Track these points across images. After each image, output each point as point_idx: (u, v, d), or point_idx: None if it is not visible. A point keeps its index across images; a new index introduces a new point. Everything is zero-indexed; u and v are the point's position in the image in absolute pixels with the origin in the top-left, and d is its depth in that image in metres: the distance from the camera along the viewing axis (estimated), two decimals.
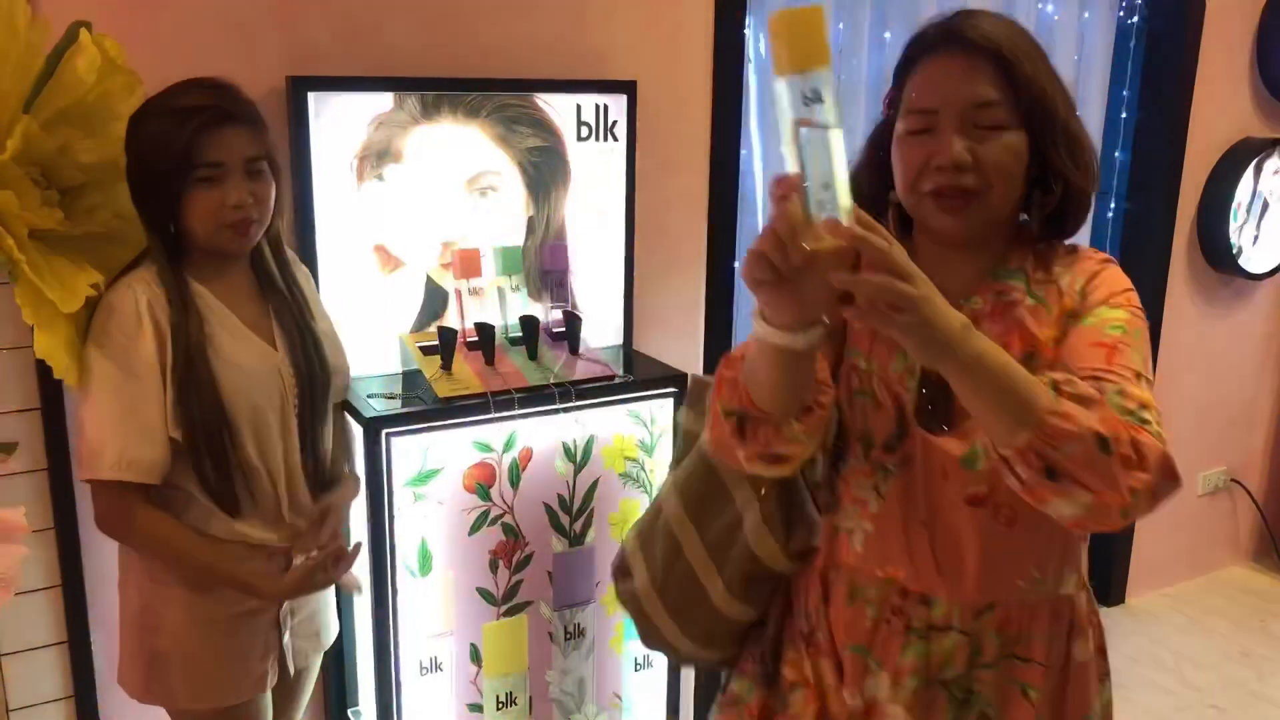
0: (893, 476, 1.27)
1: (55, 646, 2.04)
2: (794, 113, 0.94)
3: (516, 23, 2.22)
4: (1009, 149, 1.17)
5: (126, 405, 1.50)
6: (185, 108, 1.48)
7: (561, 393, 2.04)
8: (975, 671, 1.27)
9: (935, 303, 0.98)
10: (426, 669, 2.06)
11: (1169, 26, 3.19)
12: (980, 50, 1.16)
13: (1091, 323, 1.18)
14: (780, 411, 1.16)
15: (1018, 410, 1.03)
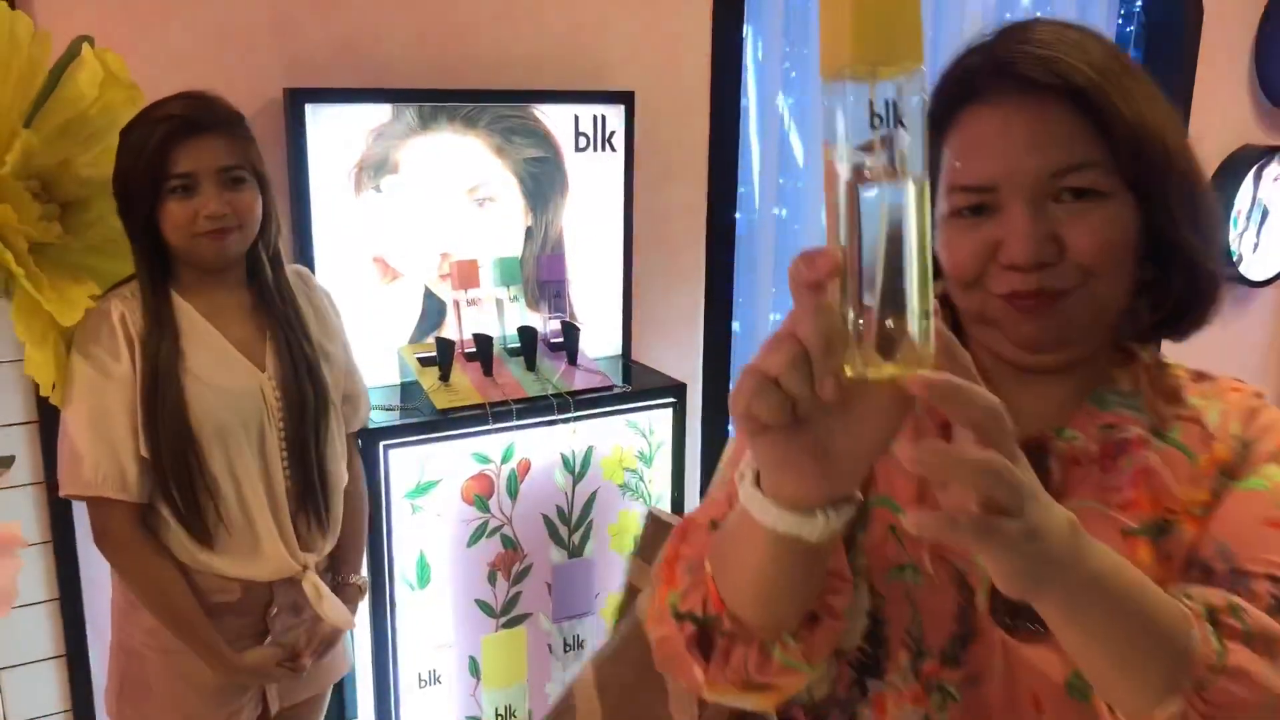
0: (954, 703, 0.84)
1: (53, 660, 2.04)
2: (852, 143, 0.56)
3: (514, 34, 2.22)
4: (1113, 224, 0.79)
5: (101, 420, 1.48)
6: (156, 119, 1.47)
7: (560, 403, 2.03)
8: None
9: (1041, 500, 0.62)
10: (426, 681, 2.05)
11: (1167, 33, 3.20)
12: (1052, 89, 0.78)
13: (1261, 487, 0.80)
14: (769, 625, 0.75)
15: (1163, 666, 0.67)
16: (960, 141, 0.82)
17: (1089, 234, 0.78)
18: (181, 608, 1.54)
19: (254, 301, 1.61)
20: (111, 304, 1.51)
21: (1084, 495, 0.82)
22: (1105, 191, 0.79)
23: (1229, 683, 0.67)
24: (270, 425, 1.57)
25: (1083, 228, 0.78)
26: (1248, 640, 0.69)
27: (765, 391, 0.59)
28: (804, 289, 0.58)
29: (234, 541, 1.57)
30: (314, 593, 1.64)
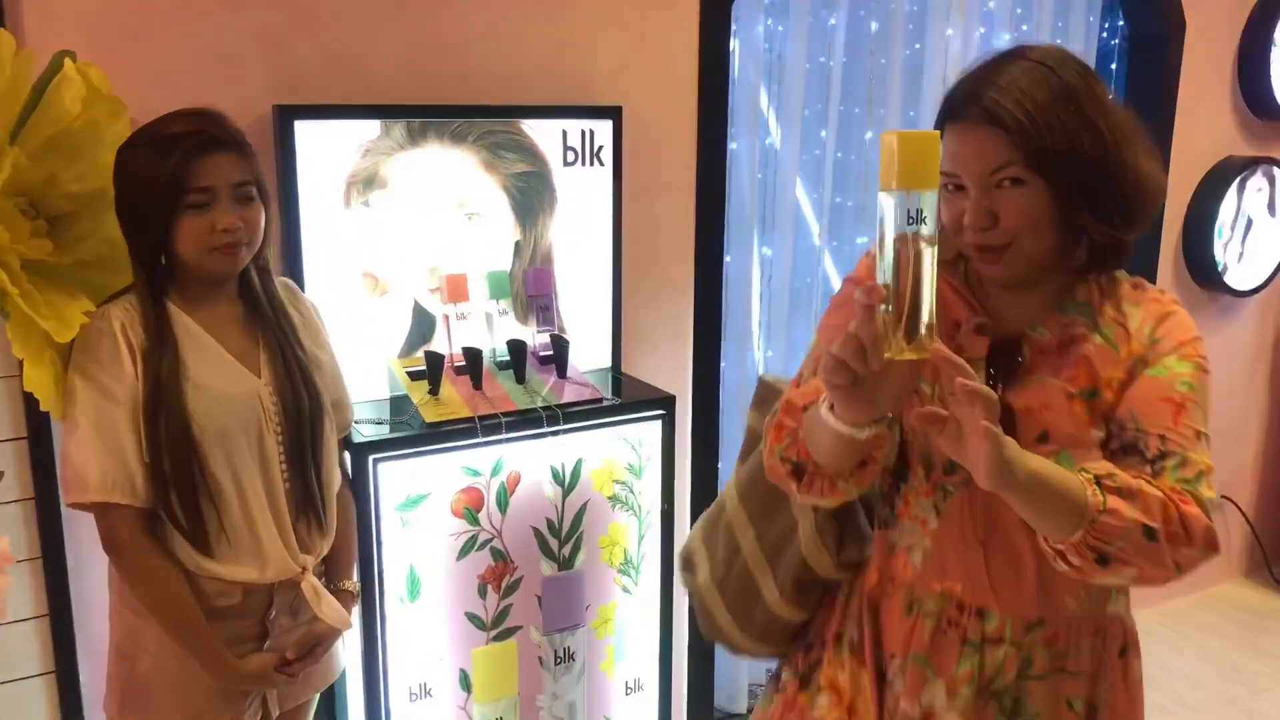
0: (952, 496, 1.31)
1: (43, 676, 2.03)
2: (895, 229, 1.02)
3: (502, 49, 2.23)
4: (1026, 203, 1.19)
5: (108, 429, 1.50)
6: (172, 135, 1.49)
7: (549, 416, 2.04)
8: (1025, 683, 1.32)
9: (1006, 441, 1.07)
10: (416, 695, 2.05)
11: (1151, 47, 3.23)
12: (988, 116, 1.18)
13: (1160, 374, 1.22)
14: (836, 469, 1.25)
15: (1070, 515, 1.12)
16: (946, 143, 1.22)
17: (1010, 210, 1.20)
18: (186, 613, 1.56)
19: (247, 312, 1.65)
20: (111, 315, 1.53)
21: (1044, 372, 1.26)
22: (1024, 181, 1.19)
23: (1108, 519, 1.12)
24: (268, 430, 1.61)
25: (1007, 206, 1.20)
26: (1118, 493, 1.13)
27: (839, 368, 1.07)
28: (863, 308, 1.04)
29: (236, 545, 1.59)
30: (313, 594, 1.66)
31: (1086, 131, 1.18)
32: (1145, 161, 1.23)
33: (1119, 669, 1.36)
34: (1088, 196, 1.19)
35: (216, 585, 1.59)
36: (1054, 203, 1.19)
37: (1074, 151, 1.18)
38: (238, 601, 1.61)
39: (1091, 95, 1.20)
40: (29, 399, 1.85)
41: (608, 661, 2.28)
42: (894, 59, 2.89)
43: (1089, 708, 1.34)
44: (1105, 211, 1.21)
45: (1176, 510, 1.14)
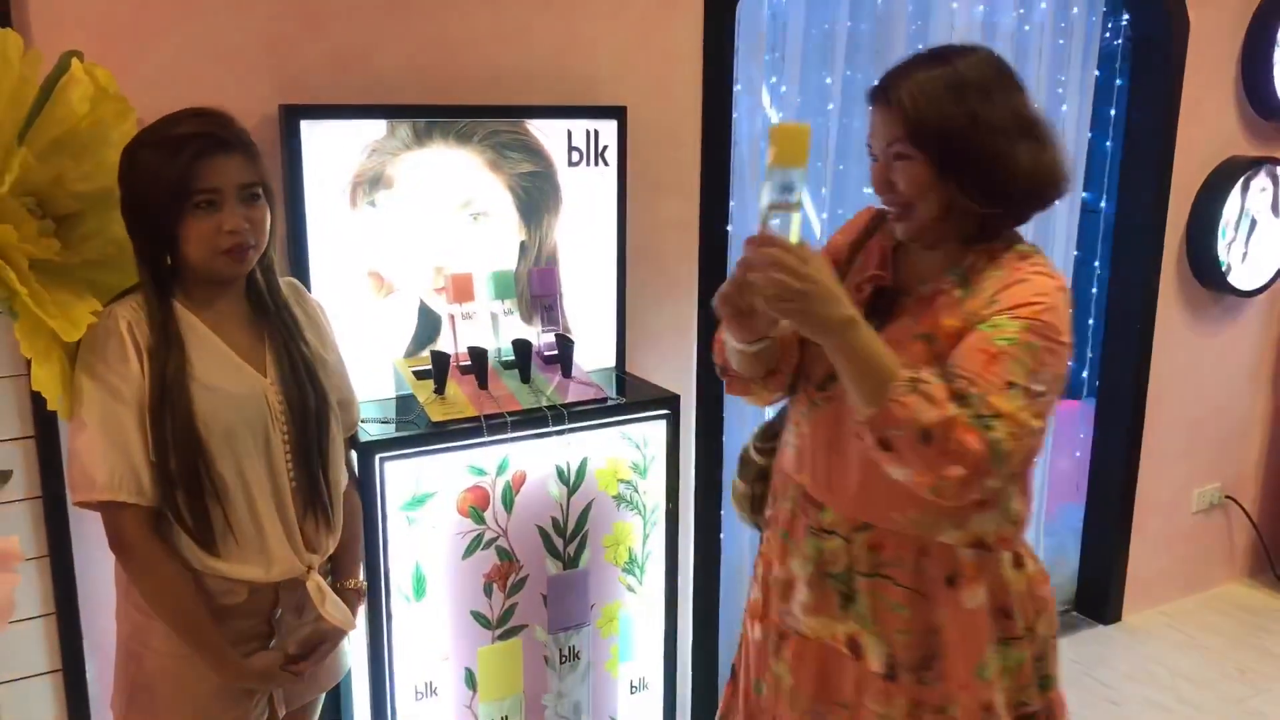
0: (818, 408, 1.59)
1: (49, 675, 2.04)
2: (769, 197, 1.33)
3: (507, 49, 2.24)
4: (910, 175, 1.44)
5: (114, 428, 1.50)
6: (179, 136, 1.49)
7: (554, 415, 2.05)
8: (855, 577, 1.55)
9: (820, 298, 1.32)
10: (422, 694, 2.06)
11: (1154, 47, 3.23)
12: (888, 100, 1.44)
13: (985, 330, 1.39)
14: (749, 375, 1.59)
15: (872, 391, 1.35)
16: (869, 123, 1.49)
17: (901, 179, 1.45)
18: (191, 612, 1.56)
19: (252, 311, 1.65)
20: (118, 314, 1.53)
21: (907, 317, 1.50)
22: (909, 155, 1.43)
23: (897, 407, 1.32)
24: (274, 429, 1.61)
25: (899, 175, 1.45)
26: (919, 394, 1.33)
27: (725, 300, 1.41)
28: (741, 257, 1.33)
29: (242, 544, 1.59)
30: (318, 593, 1.66)
31: (965, 119, 1.40)
32: (1025, 153, 1.42)
33: (949, 597, 1.52)
34: (957, 173, 1.41)
35: (222, 584, 1.59)
36: (934, 176, 1.42)
37: (948, 133, 1.40)
38: (243, 600, 1.62)
39: (982, 90, 1.41)
40: (37, 398, 1.86)
41: (612, 660, 2.28)
42: (897, 48, 2.88)
43: (925, 627, 1.52)
44: (972, 188, 1.42)
45: (956, 431, 1.31)
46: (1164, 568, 3.68)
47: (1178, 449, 3.60)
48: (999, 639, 1.53)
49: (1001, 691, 1.54)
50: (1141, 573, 3.62)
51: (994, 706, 1.54)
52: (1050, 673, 1.59)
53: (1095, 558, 3.61)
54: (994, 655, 1.53)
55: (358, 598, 1.80)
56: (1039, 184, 1.45)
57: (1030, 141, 1.43)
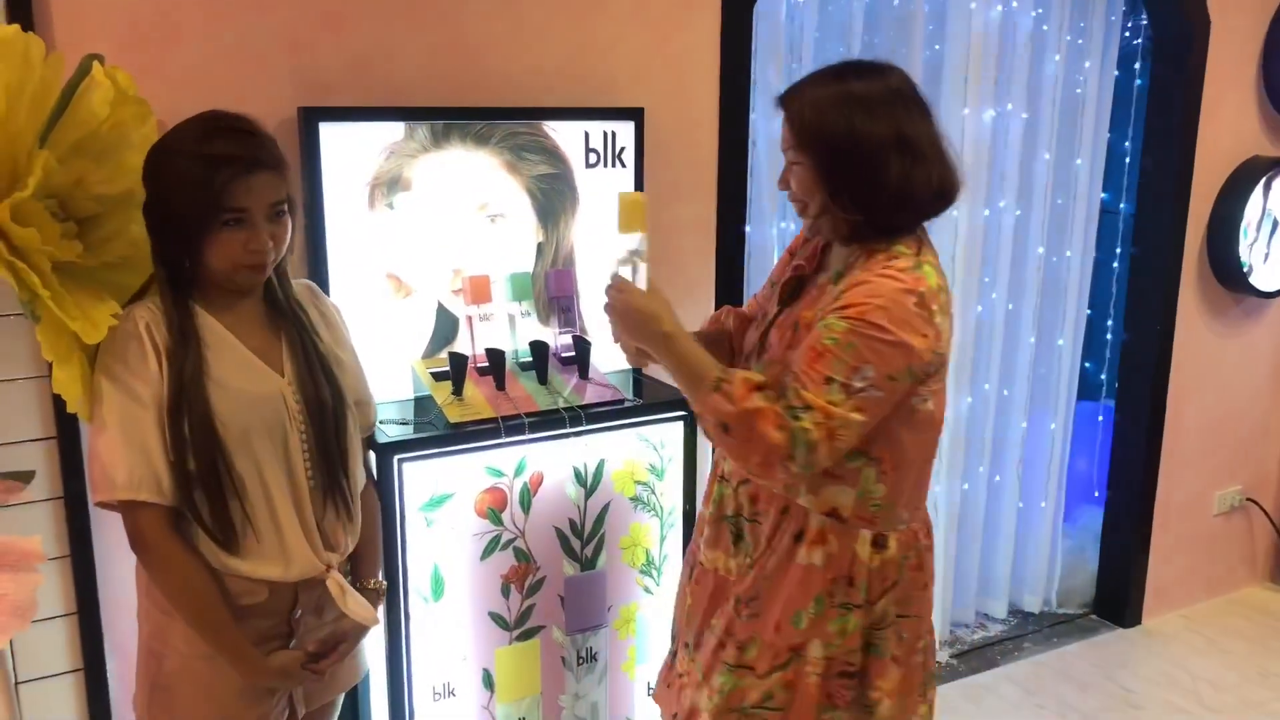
0: None
1: (71, 674, 2.05)
2: (618, 258, 1.70)
3: (524, 51, 2.24)
4: (798, 177, 1.61)
5: (134, 428, 1.51)
6: (217, 156, 1.49)
7: (571, 417, 2.05)
8: (742, 521, 1.74)
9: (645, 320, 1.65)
10: (440, 694, 2.06)
11: (1175, 47, 3.21)
12: (785, 109, 1.61)
13: (820, 328, 1.54)
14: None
15: (690, 391, 1.61)
16: None
17: (792, 180, 1.62)
18: (212, 611, 1.57)
19: (269, 311, 1.66)
20: (136, 315, 1.54)
21: (801, 306, 1.67)
22: (798, 161, 1.59)
23: (701, 408, 1.58)
24: (292, 428, 1.62)
25: (792, 178, 1.62)
26: (722, 394, 1.54)
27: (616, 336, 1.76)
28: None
29: (261, 543, 1.60)
30: (338, 590, 1.67)
31: (844, 130, 1.54)
32: (896, 167, 1.54)
33: (789, 548, 1.67)
34: (830, 179, 1.56)
35: (242, 584, 1.60)
36: (816, 180, 1.58)
37: (827, 142, 1.55)
38: (263, 600, 1.62)
39: (866, 107, 1.54)
40: (58, 399, 1.88)
41: (629, 662, 2.28)
42: (914, 49, 2.88)
43: (762, 571, 1.70)
44: (841, 194, 1.57)
45: (755, 422, 1.50)
46: (1184, 571, 3.66)
47: (1198, 451, 3.57)
48: (830, 600, 1.66)
49: (819, 646, 1.67)
50: (1161, 576, 3.60)
51: (804, 653, 1.67)
52: (878, 642, 1.69)
53: (1114, 561, 3.59)
54: (814, 610, 1.66)
55: (378, 598, 1.80)
56: (905, 197, 1.56)
57: (906, 158, 1.55)
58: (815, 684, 1.68)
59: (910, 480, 1.67)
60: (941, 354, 1.59)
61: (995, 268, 3.21)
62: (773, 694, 1.69)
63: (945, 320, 1.59)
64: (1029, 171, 3.20)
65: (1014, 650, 3.37)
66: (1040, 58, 3.12)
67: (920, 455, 1.67)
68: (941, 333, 1.57)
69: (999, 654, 3.35)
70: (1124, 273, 3.53)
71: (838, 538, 1.65)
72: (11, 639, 1.53)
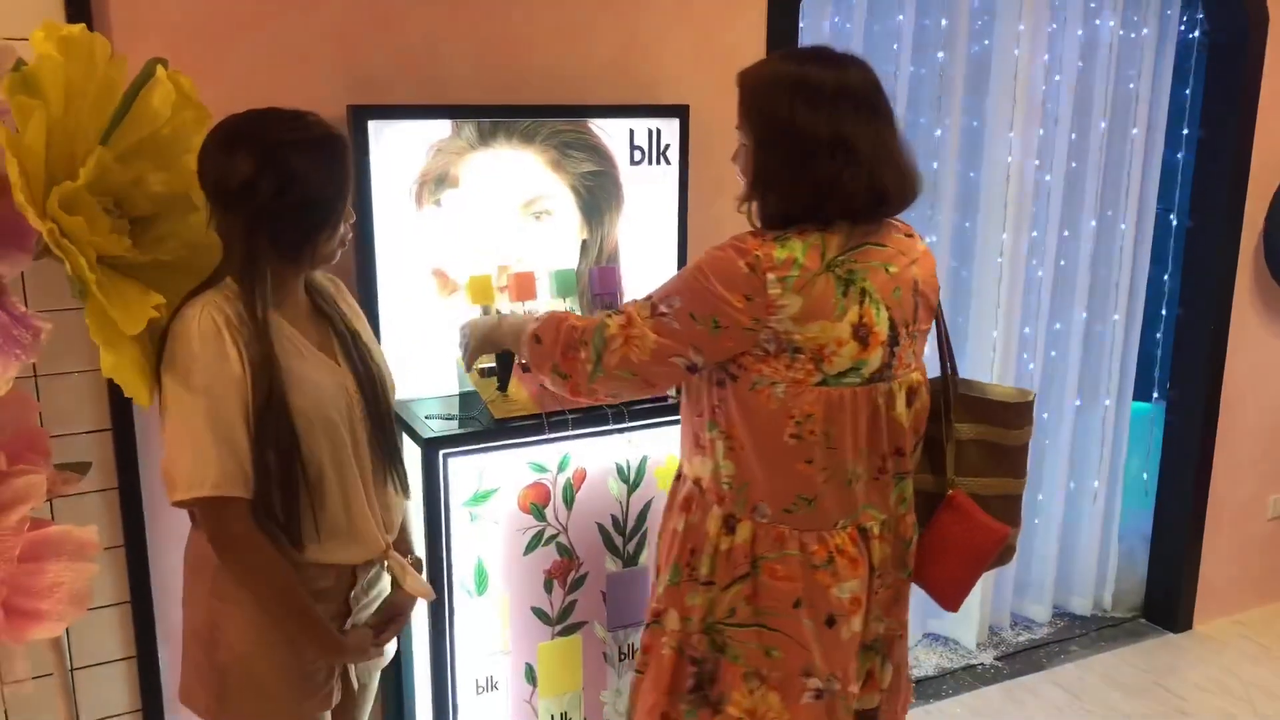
0: None
1: (124, 661, 2.10)
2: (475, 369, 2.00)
3: (570, 49, 2.25)
4: (745, 158, 1.62)
5: (220, 422, 1.52)
6: (330, 136, 1.57)
7: (615, 414, 2.05)
8: None
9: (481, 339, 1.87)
10: (483, 688, 2.08)
11: (1231, 41, 3.14)
12: (740, 85, 1.62)
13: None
14: None
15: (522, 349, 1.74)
16: None
17: (740, 161, 1.64)
18: (297, 599, 1.60)
19: (313, 306, 1.69)
20: (212, 313, 1.54)
21: None
22: (747, 143, 1.61)
23: (527, 336, 1.72)
24: (356, 416, 1.66)
25: (739, 157, 1.65)
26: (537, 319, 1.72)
27: None
28: None
29: (334, 530, 1.63)
30: (399, 569, 1.73)
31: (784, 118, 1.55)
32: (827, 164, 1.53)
33: (675, 514, 1.75)
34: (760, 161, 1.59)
35: (313, 570, 1.64)
36: (752, 159, 1.60)
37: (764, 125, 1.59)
38: (331, 584, 1.66)
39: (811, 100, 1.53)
40: (113, 392, 1.92)
41: None
42: (959, 56, 2.86)
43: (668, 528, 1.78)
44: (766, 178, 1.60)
45: (560, 321, 1.67)
46: (1237, 575, 3.59)
47: (1253, 453, 3.50)
48: (685, 570, 1.71)
49: (675, 617, 1.72)
50: (1213, 580, 3.53)
51: (662, 621, 1.73)
52: (729, 644, 1.68)
53: (1165, 564, 3.53)
54: (669, 577, 1.72)
55: (419, 569, 1.86)
56: (825, 197, 1.55)
57: (839, 158, 1.53)
58: (670, 655, 1.72)
59: (766, 469, 1.61)
60: (774, 328, 1.53)
61: (1043, 255, 3.18)
62: (640, 649, 1.79)
63: (792, 298, 1.52)
64: (1079, 174, 3.16)
65: (1059, 653, 3.33)
66: (1092, 53, 3.07)
67: (769, 444, 1.60)
68: (777, 305, 1.52)
69: (1044, 657, 3.31)
70: (1178, 271, 3.47)
71: (699, 509, 1.70)
72: (67, 627, 1.57)
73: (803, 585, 1.64)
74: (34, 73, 1.44)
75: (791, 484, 1.62)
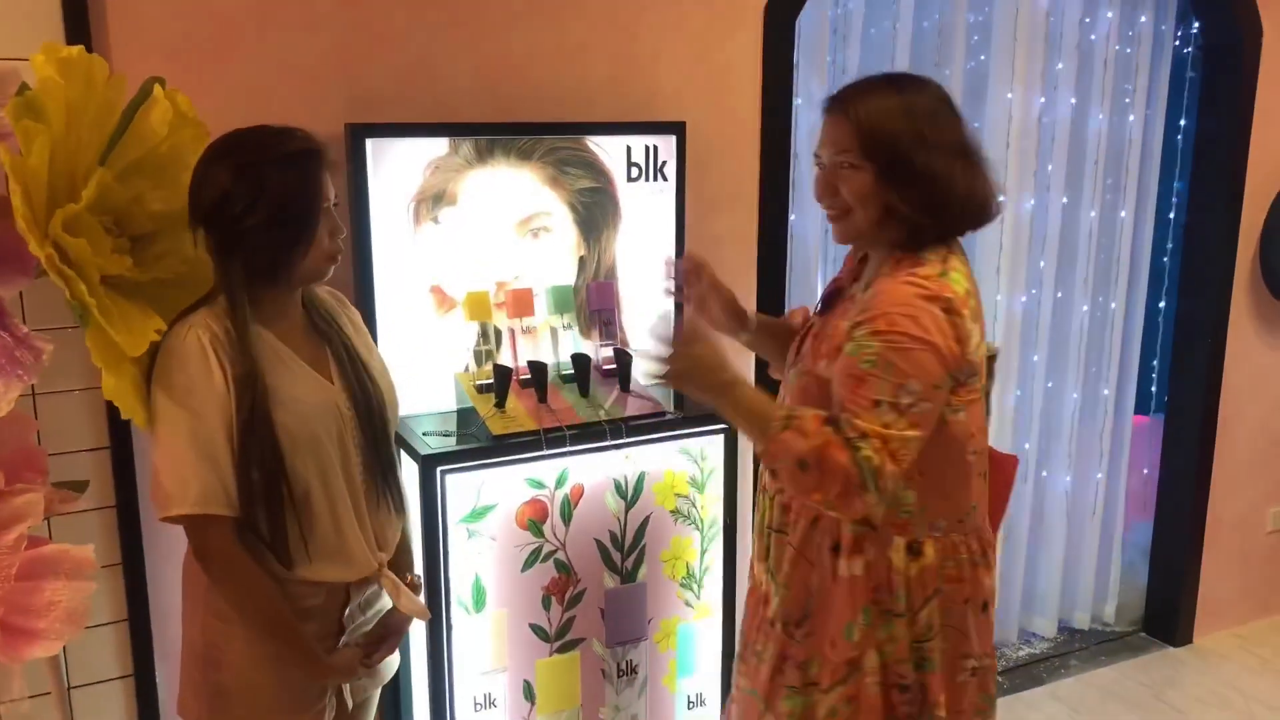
0: (789, 384, 1.77)
1: (121, 680, 2.10)
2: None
3: (567, 67, 2.26)
4: (855, 183, 1.59)
5: (203, 440, 1.53)
6: (304, 151, 1.57)
7: (613, 430, 2.06)
8: (770, 532, 1.76)
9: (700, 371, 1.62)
10: (481, 705, 2.08)
11: (1225, 54, 3.16)
12: (844, 112, 1.59)
13: (851, 350, 1.54)
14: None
15: (755, 435, 1.59)
16: (818, 132, 1.65)
17: (847, 185, 1.60)
18: (278, 616, 1.60)
19: (309, 322, 1.69)
20: (199, 330, 1.55)
21: (835, 316, 1.68)
22: (857, 166, 1.58)
23: (776, 445, 1.53)
24: (348, 434, 1.65)
25: (846, 182, 1.60)
26: (794, 429, 1.52)
27: None
28: None
29: (323, 548, 1.63)
30: (392, 588, 1.72)
31: (913, 136, 1.55)
32: (961, 173, 1.58)
33: (829, 563, 1.67)
34: (899, 185, 1.56)
35: (303, 588, 1.63)
36: (876, 186, 1.57)
37: (896, 148, 1.55)
38: (321, 602, 1.66)
39: (929, 114, 1.58)
40: (111, 410, 1.92)
41: (670, 675, 2.28)
42: (956, 69, 2.87)
43: (803, 586, 1.70)
44: (910, 199, 1.56)
45: (829, 453, 1.47)
46: (1237, 588, 3.58)
47: (1251, 466, 3.50)
48: (876, 609, 1.66)
49: (874, 656, 1.66)
50: (1213, 593, 3.52)
51: (861, 665, 1.66)
52: (930, 656, 1.67)
53: (1165, 577, 3.52)
54: (864, 620, 1.66)
55: (417, 590, 1.85)
56: (971, 204, 1.60)
57: (966, 164, 1.59)
58: (877, 693, 1.66)
59: (945, 489, 1.66)
60: (973, 361, 1.59)
61: (1044, 266, 3.19)
62: (837, 709, 1.68)
63: (976, 326, 1.59)
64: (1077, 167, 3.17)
65: (1060, 668, 3.33)
66: (1088, 66, 3.08)
67: (954, 465, 1.65)
68: (971, 338, 1.57)
69: (1044, 671, 3.30)
70: (1175, 283, 3.47)
71: (873, 545, 1.65)
72: (64, 645, 1.57)
73: (969, 583, 1.70)
74: (37, 96, 1.45)
75: (968, 496, 1.69)
